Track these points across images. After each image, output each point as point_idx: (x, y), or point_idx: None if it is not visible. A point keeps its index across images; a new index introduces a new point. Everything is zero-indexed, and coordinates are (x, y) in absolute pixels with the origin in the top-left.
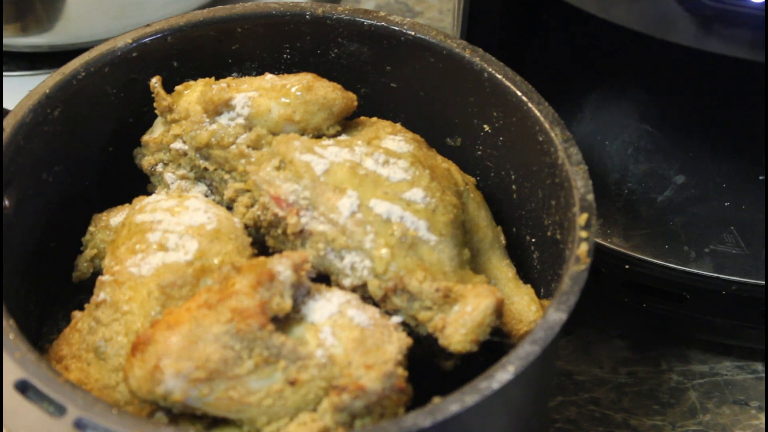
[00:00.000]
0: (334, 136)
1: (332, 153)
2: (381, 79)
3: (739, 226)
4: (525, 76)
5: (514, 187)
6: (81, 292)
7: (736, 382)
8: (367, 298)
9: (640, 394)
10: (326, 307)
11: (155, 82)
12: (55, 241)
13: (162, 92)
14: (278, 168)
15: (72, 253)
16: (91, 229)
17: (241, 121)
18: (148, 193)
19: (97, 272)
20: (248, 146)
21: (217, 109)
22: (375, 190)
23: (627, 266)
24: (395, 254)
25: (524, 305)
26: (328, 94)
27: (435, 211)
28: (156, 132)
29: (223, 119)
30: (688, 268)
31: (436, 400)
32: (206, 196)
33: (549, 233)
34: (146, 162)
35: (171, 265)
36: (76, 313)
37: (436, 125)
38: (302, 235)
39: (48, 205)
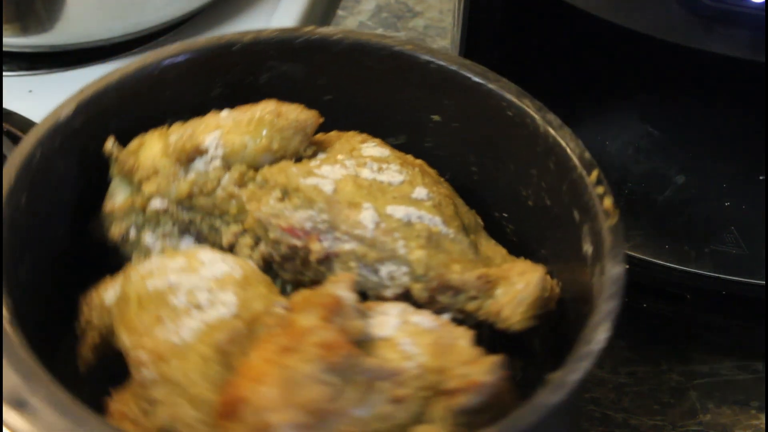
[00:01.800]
0: (312, 156)
1: (328, 171)
2: (315, 94)
3: (739, 226)
4: (525, 74)
5: (474, 168)
6: None
7: (736, 382)
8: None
9: (640, 394)
10: (388, 321)
11: (112, 144)
12: (45, 331)
13: (124, 153)
14: (282, 199)
15: (56, 342)
16: (84, 312)
17: (217, 163)
18: (117, 265)
19: (107, 355)
20: (234, 186)
21: (189, 156)
22: (385, 197)
23: (627, 266)
24: (429, 254)
25: None
26: (299, 115)
27: (440, 205)
28: (118, 197)
29: (199, 165)
30: (688, 268)
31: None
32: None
33: (530, 203)
34: (115, 231)
35: (216, 323)
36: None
37: (376, 128)
38: (328, 259)
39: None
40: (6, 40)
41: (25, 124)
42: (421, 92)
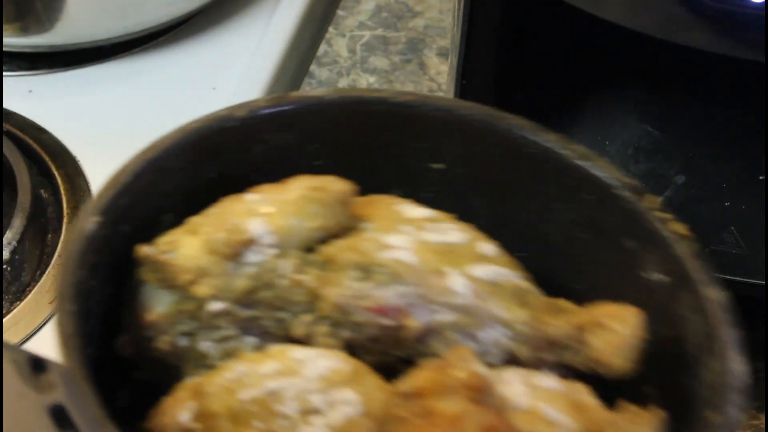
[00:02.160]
0: (356, 228)
1: (397, 241)
2: (306, 161)
3: (739, 226)
4: (525, 75)
5: (483, 213)
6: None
7: None
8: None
9: None
10: (515, 389)
11: (149, 249)
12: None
13: (178, 263)
14: (362, 278)
15: None
16: None
17: (272, 251)
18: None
19: None
20: (295, 273)
21: (237, 250)
22: (460, 259)
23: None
24: (524, 312)
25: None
26: (339, 187)
27: (503, 255)
28: (159, 306)
29: (250, 257)
30: None
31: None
32: (259, 347)
33: (556, 239)
34: (163, 342)
35: (344, 426)
36: None
37: (369, 185)
38: (425, 334)
39: None
40: (6, 40)
41: (25, 124)
42: (420, 142)
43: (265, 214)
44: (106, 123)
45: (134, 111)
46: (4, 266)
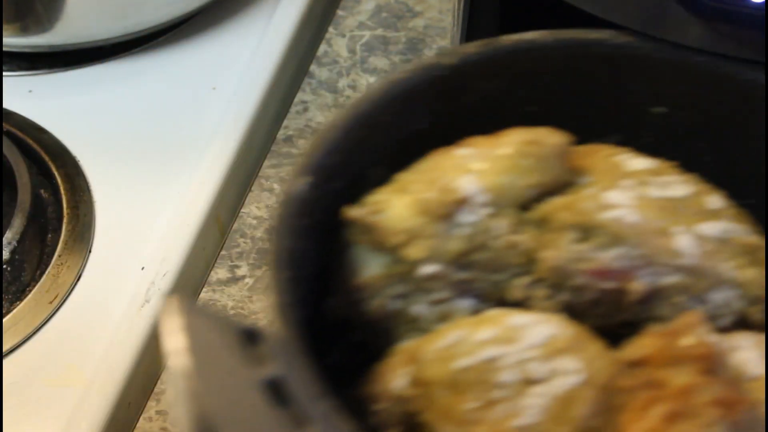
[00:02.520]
0: (575, 183)
1: (617, 199)
2: (517, 107)
3: None
4: None
5: (707, 158)
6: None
7: None
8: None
9: None
10: (749, 354)
11: (359, 211)
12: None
13: (387, 225)
14: (581, 240)
15: None
16: (380, 407)
17: (486, 211)
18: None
19: None
20: (511, 233)
21: (450, 210)
22: (686, 215)
23: None
24: (758, 270)
25: None
26: (555, 140)
27: (730, 207)
28: (369, 268)
29: (463, 218)
30: None
31: None
32: (474, 311)
33: None
34: (376, 305)
35: (567, 396)
36: None
37: (585, 132)
38: (648, 297)
39: None
40: (6, 40)
41: (25, 124)
42: (640, 85)
43: (477, 171)
44: (106, 123)
45: (134, 111)
46: (4, 266)
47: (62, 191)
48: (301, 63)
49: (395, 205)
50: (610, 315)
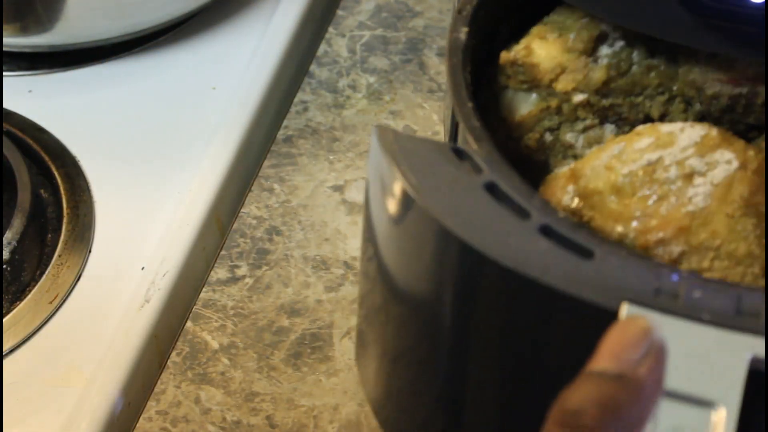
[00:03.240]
0: None
1: None
2: None
3: None
4: None
5: None
6: None
7: None
8: None
9: None
10: None
11: (514, 54)
12: None
13: (539, 63)
14: (712, 55)
15: None
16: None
17: (622, 42)
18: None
19: None
20: (647, 58)
21: (593, 45)
22: None
23: None
24: None
25: None
26: None
27: None
28: (526, 106)
29: (604, 50)
30: None
31: None
32: (617, 133)
33: None
34: (532, 139)
35: (726, 181)
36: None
37: None
38: None
39: None
40: (6, 40)
41: (25, 124)
42: None
43: None
44: (106, 123)
45: (134, 111)
46: (4, 266)
47: (62, 191)
48: (301, 63)
49: (541, 47)
50: (740, 120)
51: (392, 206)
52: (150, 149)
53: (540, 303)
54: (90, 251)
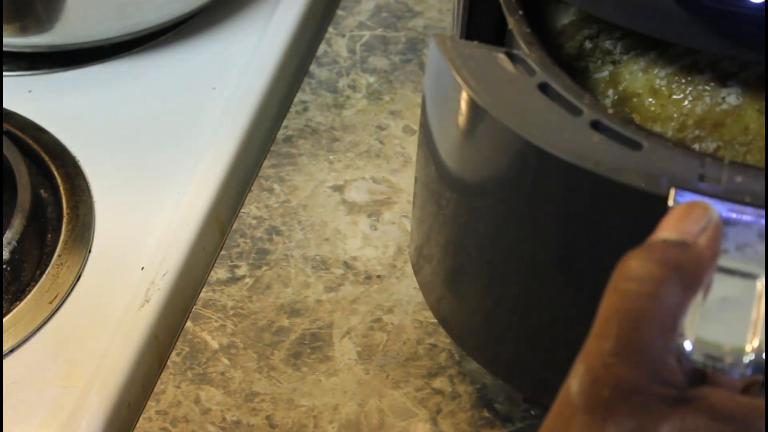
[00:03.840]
0: None
1: None
2: None
3: None
4: None
5: None
6: None
7: None
8: None
9: None
10: None
11: None
12: None
13: None
14: None
15: None
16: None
17: None
18: None
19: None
20: None
21: None
22: None
23: None
24: None
25: None
26: None
27: None
28: (567, 17)
29: None
30: None
31: None
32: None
33: None
34: (571, 48)
35: (757, 80)
36: None
37: None
38: None
39: None
40: (6, 40)
41: (25, 124)
42: None
43: None
44: (106, 123)
45: (134, 111)
46: (4, 266)
47: (62, 191)
48: (300, 63)
49: None
50: None
51: (453, 110)
52: (150, 149)
53: (594, 193)
54: (90, 251)
